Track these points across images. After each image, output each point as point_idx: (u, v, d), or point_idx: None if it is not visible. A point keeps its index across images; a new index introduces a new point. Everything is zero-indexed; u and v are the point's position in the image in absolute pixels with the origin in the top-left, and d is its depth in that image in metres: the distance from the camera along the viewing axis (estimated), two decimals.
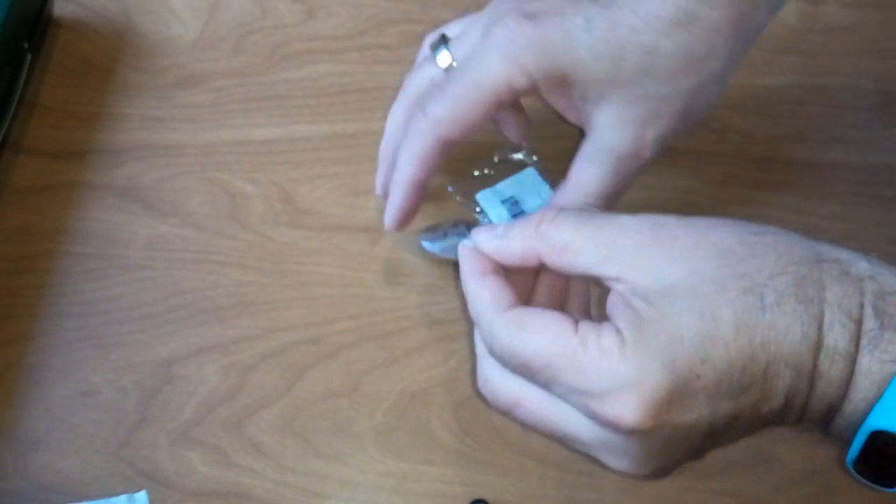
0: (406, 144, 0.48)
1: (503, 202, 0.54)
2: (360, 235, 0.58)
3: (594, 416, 0.37)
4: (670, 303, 0.37)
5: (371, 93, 0.62)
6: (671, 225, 0.40)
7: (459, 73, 0.47)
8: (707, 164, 0.61)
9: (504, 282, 0.42)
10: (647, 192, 0.59)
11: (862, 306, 0.37)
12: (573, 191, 0.48)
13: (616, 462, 0.39)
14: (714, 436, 0.39)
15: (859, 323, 0.37)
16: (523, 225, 0.42)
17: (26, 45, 0.59)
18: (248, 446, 0.53)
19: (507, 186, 0.54)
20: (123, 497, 0.51)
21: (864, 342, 0.37)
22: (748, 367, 0.37)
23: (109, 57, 0.62)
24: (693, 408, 0.37)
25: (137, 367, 0.54)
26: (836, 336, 0.37)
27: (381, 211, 0.58)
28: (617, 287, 0.39)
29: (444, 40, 0.50)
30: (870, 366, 0.37)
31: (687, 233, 0.39)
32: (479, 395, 0.43)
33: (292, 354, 0.55)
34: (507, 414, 0.42)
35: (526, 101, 0.55)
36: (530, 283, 0.45)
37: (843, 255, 0.38)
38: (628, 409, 0.36)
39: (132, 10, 0.63)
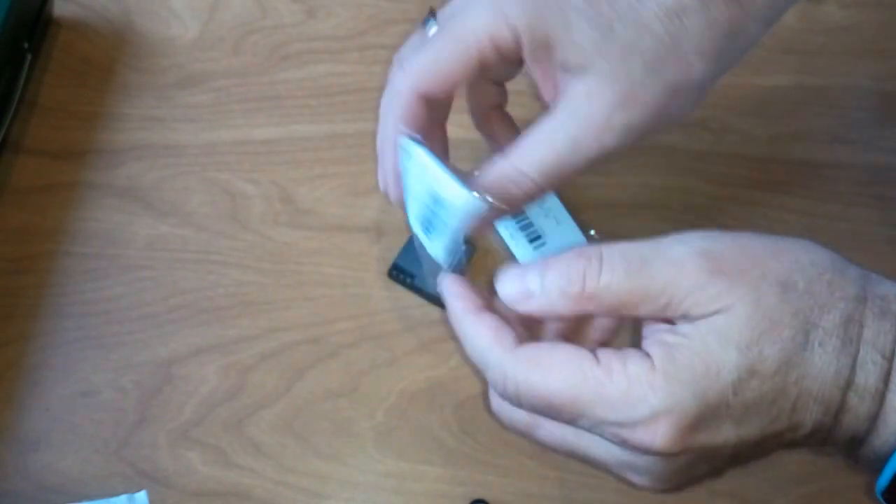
0: (385, 102, 0.44)
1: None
2: (360, 235, 0.58)
3: (623, 444, 0.37)
4: (718, 333, 0.36)
5: (371, 93, 0.62)
6: (730, 255, 0.38)
7: (441, 28, 0.43)
8: (707, 164, 0.61)
9: (499, 318, 0.40)
10: (648, 192, 0.60)
11: (895, 343, 0.37)
12: (517, 159, 0.42)
13: (639, 479, 0.39)
14: (737, 458, 0.38)
15: (891, 360, 0.37)
16: (562, 280, 0.39)
17: (26, 45, 0.59)
18: (248, 446, 0.53)
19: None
20: (123, 497, 0.51)
21: (894, 378, 0.37)
22: (778, 400, 0.36)
23: (109, 57, 0.62)
24: (720, 433, 0.37)
25: (137, 367, 0.54)
26: (868, 374, 0.37)
27: (382, 211, 0.59)
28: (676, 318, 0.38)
29: (432, 13, 0.45)
30: None
31: (752, 264, 0.38)
32: (494, 417, 0.43)
33: (292, 354, 0.55)
34: (524, 436, 0.41)
35: (526, 101, 0.55)
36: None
37: (888, 289, 0.38)
38: (659, 436, 0.36)
39: (132, 10, 0.63)
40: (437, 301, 0.56)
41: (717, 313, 0.36)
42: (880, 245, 0.59)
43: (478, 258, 0.57)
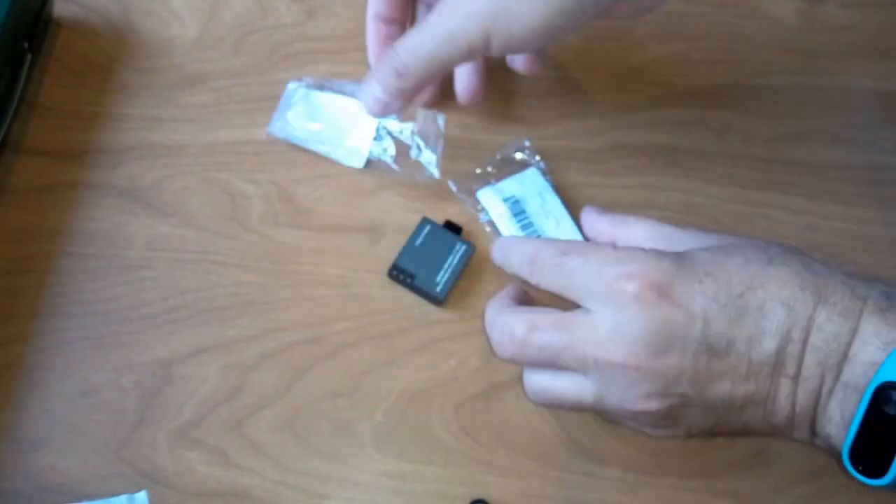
0: None
1: (505, 200, 0.54)
2: (360, 235, 0.58)
3: (608, 289, 0.44)
4: (694, 249, 0.45)
5: None
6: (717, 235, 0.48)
7: None
8: (707, 164, 0.61)
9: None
10: (648, 192, 0.60)
11: (868, 293, 0.43)
12: (397, 42, 0.51)
13: (620, 394, 0.45)
14: (709, 357, 0.42)
15: (863, 299, 0.42)
16: (613, 214, 0.52)
17: (26, 45, 0.59)
18: (248, 446, 0.53)
19: (508, 185, 0.54)
20: (123, 497, 0.51)
21: (870, 309, 0.41)
22: (745, 294, 0.43)
23: (109, 57, 0.62)
24: (691, 302, 0.43)
25: (137, 367, 0.54)
26: (836, 301, 0.42)
27: (382, 211, 0.59)
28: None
29: None
30: (877, 329, 0.41)
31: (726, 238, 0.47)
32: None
33: (292, 354, 0.55)
34: (549, 402, 0.49)
35: (527, 101, 0.55)
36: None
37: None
38: (637, 278, 0.43)
39: (132, 10, 0.63)
40: (437, 301, 0.56)
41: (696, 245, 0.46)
42: (880, 245, 0.59)
43: (478, 258, 0.57)
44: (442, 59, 0.50)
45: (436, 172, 0.59)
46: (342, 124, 0.60)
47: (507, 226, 0.53)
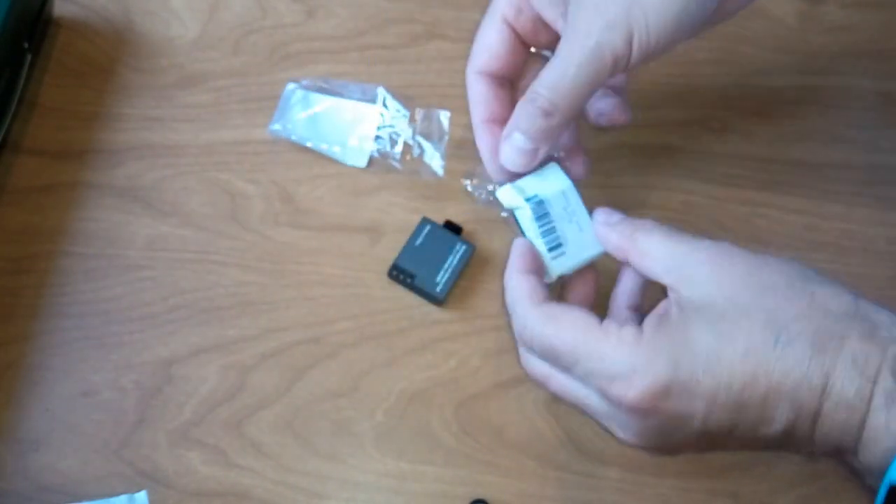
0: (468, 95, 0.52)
1: (528, 200, 0.50)
2: (360, 235, 0.58)
3: (604, 394, 0.42)
4: (698, 317, 0.42)
5: None
6: (737, 254, 0.43)
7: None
8: (707, 164, 0.61)
9: (540, 281, 0.47)
10: (648, 192, 0.60)
11: (880, 367, 0.39)
12: (534, 83, 0.48)
13: (622, 434, 0.44)
14: (711, 437, 0.42)
15: (874, 382, 0.39)
16: (623, 226, 0.47)
17: (26, 45, 0.59)
18: (248, 446, 0.53)
19: (529, 182, 0.51)
20: (123, 497, 0.51)
21: (879, 400, 0.39)
22: (746, 388, 0.40)
23: (109, 57, 0.62)
24: (689, 405, 0.41)
25: (137, 367, 0.54)
26: (844, 387, 0.39)
27: (382, 211, 0.59)
28: (670, 294, 0.44)
29: None
30: (888, 422, 0.39)
31: (745, 262, 0.43)
32: (522, 367, 0.48)
33: (292, 354, 0.55)
34: (542, 386, 0.47)
35: None
36: (590, 297, 0.50)
37: (882, 317, 0.41)
38: (632, 390, 0.41)
39: (132, 10, 0.63)
40: (436, 301, 0.56)
41: (705, 300, 0.42)
42: (880, 245, 0.59)
43: (478, 258, 0.57)
44: (590, 82, 0.47)
45: (440, 171, 0.59)
46: (343, 124, 0.60)
47: (530, 229, 0.50)
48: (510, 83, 0.52)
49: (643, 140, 0.61)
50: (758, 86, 0.63)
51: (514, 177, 0.50)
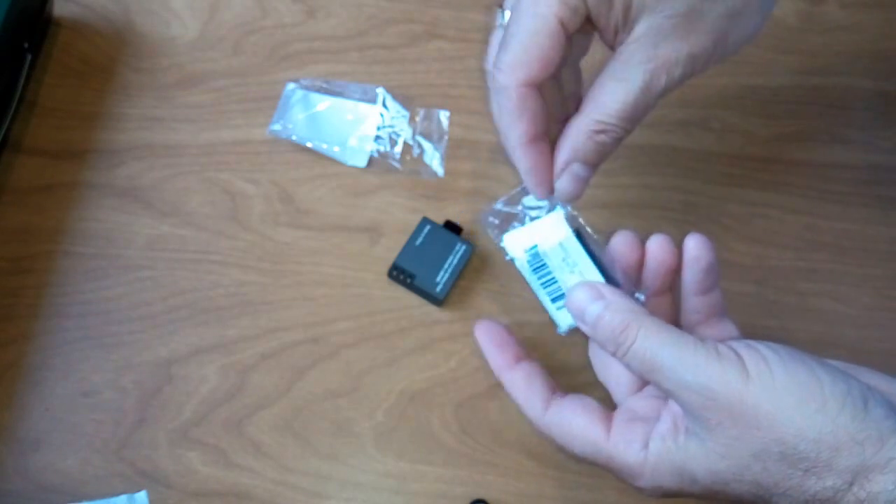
0: (496, 109, 0.46)
1: (526, 251, 0.49)
2: (360, 235, 0.58)
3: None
4: (696, 458, 0.41)
5: None
6: (722, 410, 0.40)
7: (515, 14, 0.44)
8: (707, 164, 0.61)
9: (532, 373, 0.46)
10: (648, 192, 0.60)
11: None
12: (593, 110, 0.44)
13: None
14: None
15: None
16: (606, 335, 0.43)
17: (26, 45, 0.59)
18: (248, 446, 0.53)
19: (533, 230, 0.49)
20: (123, 497, 0.51)
21: None
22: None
23: (109, 57, 0.62)
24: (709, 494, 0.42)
25: (137, 367, 0.54)
26: None
27: (382, 211, 0.59)
28: (675, 405, 0.43)
29: (499, 5, 0.48)
30: None
31: (733, 426, 0.40)
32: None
33: (292, 354, 0.55)
34: None
35: None
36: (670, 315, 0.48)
37: (881, 485, 0.38)
38: (650, 496, 0.44)
39: (132, 10, 0.63)
40: (436, 301, 0.56)
41: (697, 437, 0.41)
42: (880, 245, 0.59)
43: (478, 258, 0.57)
44: (650, 107, 0.45)
45: (440, 170, 0.59)
46: (343, 124, 0.60)
47: (531, 279, 0.49)
48: (548, 85, 0.47)
49: (643, 140, 0.61)
50: (758, 86, 0.63)
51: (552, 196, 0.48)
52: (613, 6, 0.44)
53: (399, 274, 0.56)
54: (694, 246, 0.46)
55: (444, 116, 0.60)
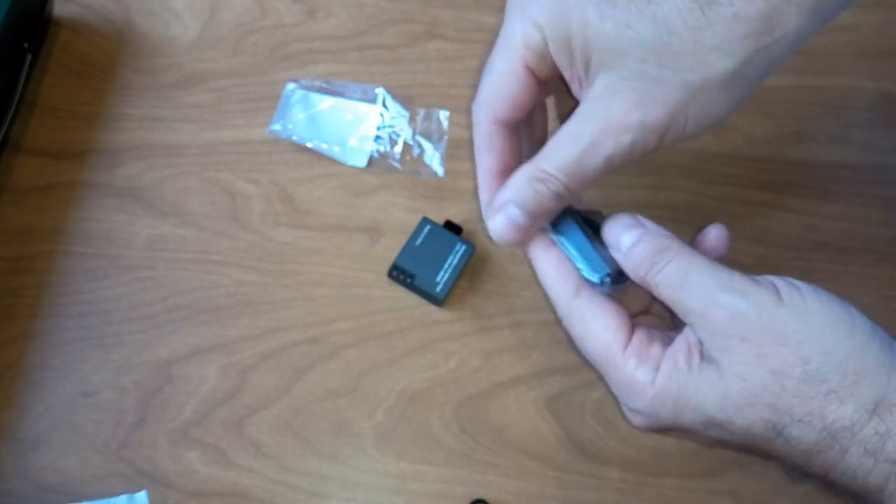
0: (474, 136, 0.47)
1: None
2: (360, 235, 0.58)
3: (618, 403, 0.45)
4: (708, 383, 0.41)
5: None
6: (747, 325, 0.40)
7: (492, 53, 0.45)
8: (707, 164, 0.61)
9: (566, 258, 0.45)
10: (648, 192, 0.60)
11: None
12: (540, 157, 0.44)
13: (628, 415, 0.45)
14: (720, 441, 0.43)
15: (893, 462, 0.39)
16: (639, 259, 0.43)
17: (26, 45, 0.59)
18: (248, 446, 0.53)
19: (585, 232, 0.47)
20: (123, 497, 0.51)
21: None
22: (746, 441, 0.41)
23: (109, 57, 0.62)
24: (693, 436, 0.43)
25: (137, 367, 0.54)
26: (856, 473, 0.39)
27: (382, 211, 0.59)
28: (691, 333, 0.42)
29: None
30: None
31: (757, 342, 0.40)
32: None
33: (292, 354, 0.55)
34: None
35: None
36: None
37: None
38: (636, 421, 0.44)
39: (132, 10, 0.63)
40: (436, 301, 0.56)
41: (713, 362, 0.41)
42: (881, 245, 0.59)
43: (478, 258, 0.57)
44: (609, 167, 0.43)
45: (440, 170, 0.59)
46: (343, 124, 0.60)
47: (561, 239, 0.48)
48: (520, 126, 0.47)
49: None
50: (758, 86, 0.63)
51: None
52: (574, 59, 0.43)
53: (399, 274, 0.56)
54: (716, 236, 0.46)
55: (444, 116, 0.60)
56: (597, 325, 0.43)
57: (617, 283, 0.44)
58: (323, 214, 0.58)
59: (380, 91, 0.61)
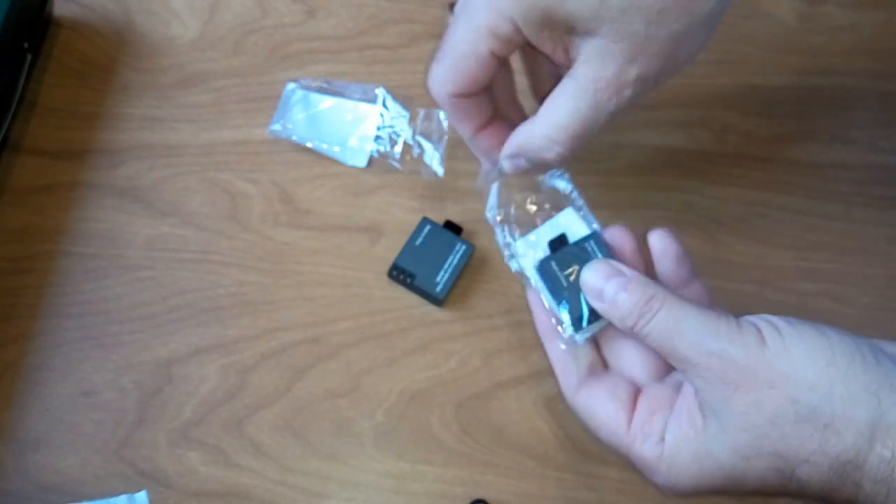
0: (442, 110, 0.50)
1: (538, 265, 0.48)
2: (360, 235, 0.58)
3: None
4: (714, 440, 0.41)
5: None
6: (740, 371, 0.40)
7: (451, 30, 0.47)
8: (707, 163, 0.61)
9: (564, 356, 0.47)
10: (648, 193, 0.60)
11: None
12: (544, 124, 0.46)
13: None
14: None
15: None
16: (626, 308, 0.43)
17: (26, 45, 0.59)
18: (248, 446, 0.53)
19: (545, 231, 0.49)
20: (123, 497, 0.51)
21: None
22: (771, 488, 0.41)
23: (109, 57, 0.62)
24: (714, 491, 0.42)
25: (137, 367, 0.54)
26: (871, 490, 0.39)
27: (382, 211, 0.59)
28: (689, 390, 0.43)
29: (451, 5, 0.49)
30: None
31: (751, 388, 0.40)
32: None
33: (292, 354, 0.55)
34: None
35: (527, 101, 0.55)
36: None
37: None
38: (661, 489, 0.43)
39: (132, 10, 0.63)
40: (436, 301, 0.56)
41: (714, 415, 0.41)
42: (880, 245, 0.59)
43: (478, 258, 0.57)
44: (602, 127, 0.46)
45: (440, 170, 0.59)
46: (343, 124, 0.60)
47: (539, 289, 0.47)
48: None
49: (643, 140, 0.61)
50: (758, 86, 0.63)
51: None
52: (554, 31, 0.44)
53: (399, 274, 0.56)
54: (658, 240, 0.46)
55: (443, 116, 0.60)
56: (600, 415, 0.45)
57: (591, 322, 0.46)
58: (323, 214, 0.58)
59: (380, 91, 0.61)
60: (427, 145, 0.59)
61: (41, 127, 0.60)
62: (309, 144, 0.59)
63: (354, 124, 0.60)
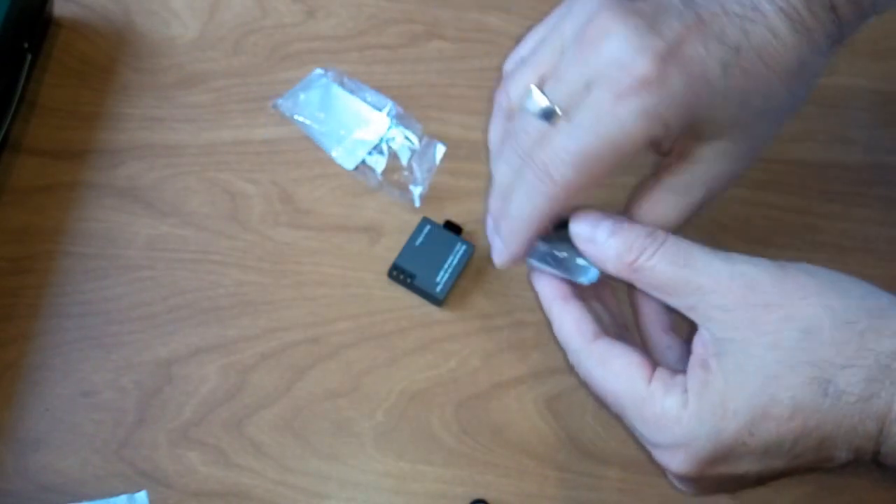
0: (522, 198, 0.43)
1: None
2: (360, 235, 0.58)
3: (650, 456, 0.42)
4: (738, 370, 0.39)
5: None
6: (766, 289, 0.39)
7: (585, 131, 0.41)
8: None
9: (584, 309, 0.44)
10: None
11: None
12: (649, 219, 0.45)
13: (673, 482, 0.43)
14: (772, 478, 0.41)
15: None
16: (623, 246, 0.42)
17: (26, 45, 0.59)
18: (248, 446, 0.53)
19: (561, 245, 0.46)
20: (123, 497, 0.51)
21: None
22: (799, 441, 0.39)
23: (109, 57, 0.62)
24: (739, 465, 0.40)
25: (137, 367, 0.54)
26: None
27: (382, 211, 0.59)
28: (701, 332, 0.41)
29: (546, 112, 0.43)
30: None
31: (780, 303, 0.39)
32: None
33: (292, 354, 0.55)
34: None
35: None
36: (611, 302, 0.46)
37: None
38: (675, 462, 0.40)
39: (132, 10, 0.63)
40: (436, 301, 0.56)
41: (742, 347, 0.39)
42: (881, 245, 0.59)
43: (478, 258, 0.57)
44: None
45: (417, 201, 0.58)
46: (347, 124, 0.60)
47: (539, 265, 0.46)
48: None
49: None
50: None
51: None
52: (686, 133, 0.43)
53: (399, 274, 0.56)
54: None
55: (440, 151, 0.59)
56: (618, 363, 0.42)
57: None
58: (323, 214, 0.58)
59: (389, 105, 0.60)
60: (417, 174, 0.59)
61: (41, 127, 0.60)
62: (307, 122, 0.59)
63: (358, 127, 0.60)
